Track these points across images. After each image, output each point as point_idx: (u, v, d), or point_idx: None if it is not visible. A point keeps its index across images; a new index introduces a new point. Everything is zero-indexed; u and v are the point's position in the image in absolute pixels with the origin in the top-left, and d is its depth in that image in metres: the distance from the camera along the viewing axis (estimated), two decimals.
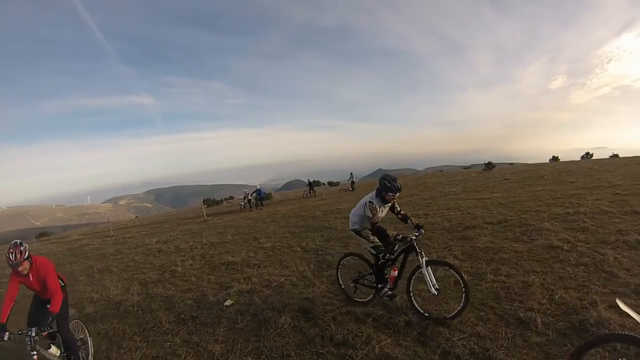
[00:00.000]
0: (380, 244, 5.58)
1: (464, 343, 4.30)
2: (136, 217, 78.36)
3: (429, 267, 5.02)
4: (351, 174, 34.76)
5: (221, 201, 45.12)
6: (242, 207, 28.80)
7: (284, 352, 4.67)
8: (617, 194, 12.73)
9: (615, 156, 39.57)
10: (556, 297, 5.13)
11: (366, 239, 5.65)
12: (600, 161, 34.95)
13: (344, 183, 42.82)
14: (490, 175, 29.08)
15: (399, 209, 5.80)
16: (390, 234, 5.55)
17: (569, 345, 4.00)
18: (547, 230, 8.69)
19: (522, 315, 4.65)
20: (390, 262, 5.52)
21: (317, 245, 10.26)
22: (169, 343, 5.46)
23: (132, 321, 6.57)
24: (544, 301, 5.05)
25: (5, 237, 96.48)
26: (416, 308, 5.08)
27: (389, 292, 5.47)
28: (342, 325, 5.04)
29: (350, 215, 6.02)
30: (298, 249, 10.25)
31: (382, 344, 4.50)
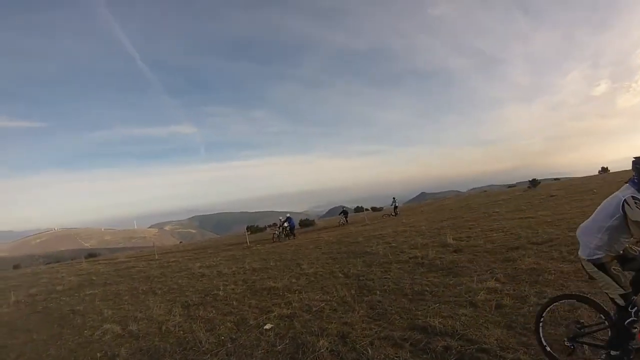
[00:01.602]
0: (629, 291, 3.47)
1: None
2: (180, 242, 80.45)
3: None
4: (394, 198, 34.49)
5: (264, 228, 45.64)
6: (275, 235, 25.96)
7: None
8: None
9: None
10: None
11: (615, 281, 3.53)
12: None
13: (387, 208, 42.50)
14: (535, 193, 28.23)
15: None
16: None
17: None
18: None
19: None
20: None
21: (359, 271, 10.19)
22: None
23: (172, 340, 6.81)
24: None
25: (56, 256, 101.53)
26: None
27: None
28: (379, 349, 5.00)
29: (581, 234, 3.97)
30: (340, 274, 10.22)
31: None
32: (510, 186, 57.23)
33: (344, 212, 33.97)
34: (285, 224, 26.25)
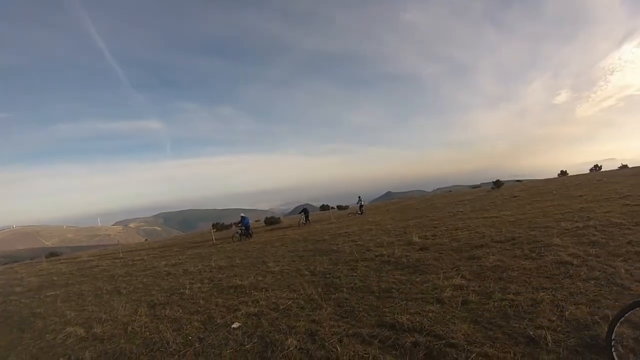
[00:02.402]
0: None
1: None
2: (146, 240, 78.37)
3: None
4: (359, 197, 34.44)
5: (230, 225, 45.02)
6: (238, 235, 24.06)
7: None
8: (627, 204, 12.73)
9: (624, 167, 39.49)
10: (566, 313, 5.04)
11: None
12: (609, 173, 34.81)
13: (353, 206, 42.63)
14: (499, 194, 28.98)
15: None
16: None
17: None
18: (556, 246, 8.64)
19: (531, 333, 4.57)
20: None
21: (325, 269, 10.14)
22: None
23: (139, 341, 6.56)
24: (554, 318, 4.96)
25: (15, 255, 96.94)
26: None
27: None
28: (348, 347, 4.97)
29: None
30: (306, 272, 10.14)
31: None
32: (474, 187, 58.78)
33: (305, 211, 31.67)
34: (240, 225, 24.63)
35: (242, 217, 25.44)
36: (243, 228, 24.33)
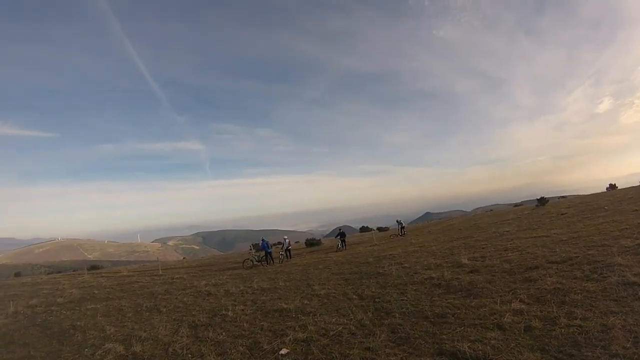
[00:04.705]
0: None
1: None
2: (184, 257, 78.73)
3: None
4: (397, 221, 34.18)
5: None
6: (250, 262, 23.12)
7: None
8: None
9: None
10: None
11: None
12: None
13: (393, 228, 42.15)
14: (545, 211, 27.95)
15: None
16: None
17: None
18: (619, 266, 8.17)
19: None
20: None
21: (374, 293, 9.87)
22: None
23: None
24: (628, 345, 4.65)
25: (58, 266, 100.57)
26: None
27: None
28: None
29: None
30: (354, 296, 9.91)
31: None
32: (516, 205, 57.11)
33: (341, 234, 28.85)
34: (258, 251, 22.89)
35: (261, 239, 24.67)
36: (260, 253, 23.54)
